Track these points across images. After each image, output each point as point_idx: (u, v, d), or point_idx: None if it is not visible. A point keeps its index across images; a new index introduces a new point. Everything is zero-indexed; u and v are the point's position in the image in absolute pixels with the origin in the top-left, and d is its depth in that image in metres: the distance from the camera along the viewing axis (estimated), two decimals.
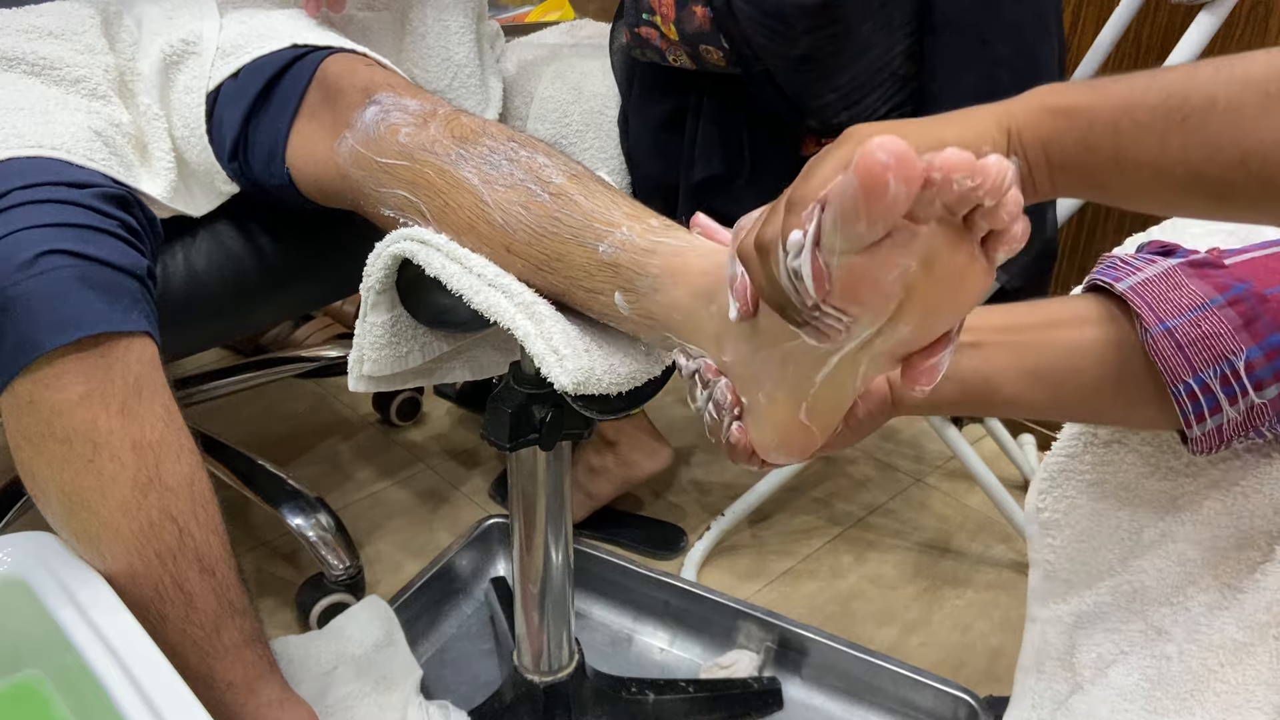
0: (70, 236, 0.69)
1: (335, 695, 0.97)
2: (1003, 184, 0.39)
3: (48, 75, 0.85)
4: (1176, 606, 0.63)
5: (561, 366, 0.62)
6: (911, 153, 0.37)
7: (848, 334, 0.44)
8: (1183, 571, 0.63)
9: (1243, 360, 0.53)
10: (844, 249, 0.41)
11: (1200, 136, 0.43)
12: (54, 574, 0.69)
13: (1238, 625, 0.57)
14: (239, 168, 0.87)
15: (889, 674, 1.04)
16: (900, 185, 0.37)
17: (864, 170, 0.37)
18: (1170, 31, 1.22)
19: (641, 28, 1.01)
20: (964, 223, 0.41)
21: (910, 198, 0.38)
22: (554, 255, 0.64)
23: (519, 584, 0.92)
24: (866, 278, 0.41)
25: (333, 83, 0.81)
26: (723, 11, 0.94)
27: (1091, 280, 0.59)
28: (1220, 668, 0.56)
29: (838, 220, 0.40)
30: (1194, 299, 0.54)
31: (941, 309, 0.44)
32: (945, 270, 0.42)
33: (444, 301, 0.68)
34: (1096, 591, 0.67)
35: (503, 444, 0.75)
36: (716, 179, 1.03)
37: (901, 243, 0.40)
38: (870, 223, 0.39)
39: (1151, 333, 0.54)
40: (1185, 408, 0.55)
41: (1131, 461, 0.66)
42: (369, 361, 0.74)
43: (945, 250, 0.41)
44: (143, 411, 0.70)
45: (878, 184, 0.37)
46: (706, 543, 1.28)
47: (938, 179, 0.38)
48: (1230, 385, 0.54)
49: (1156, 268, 0.56)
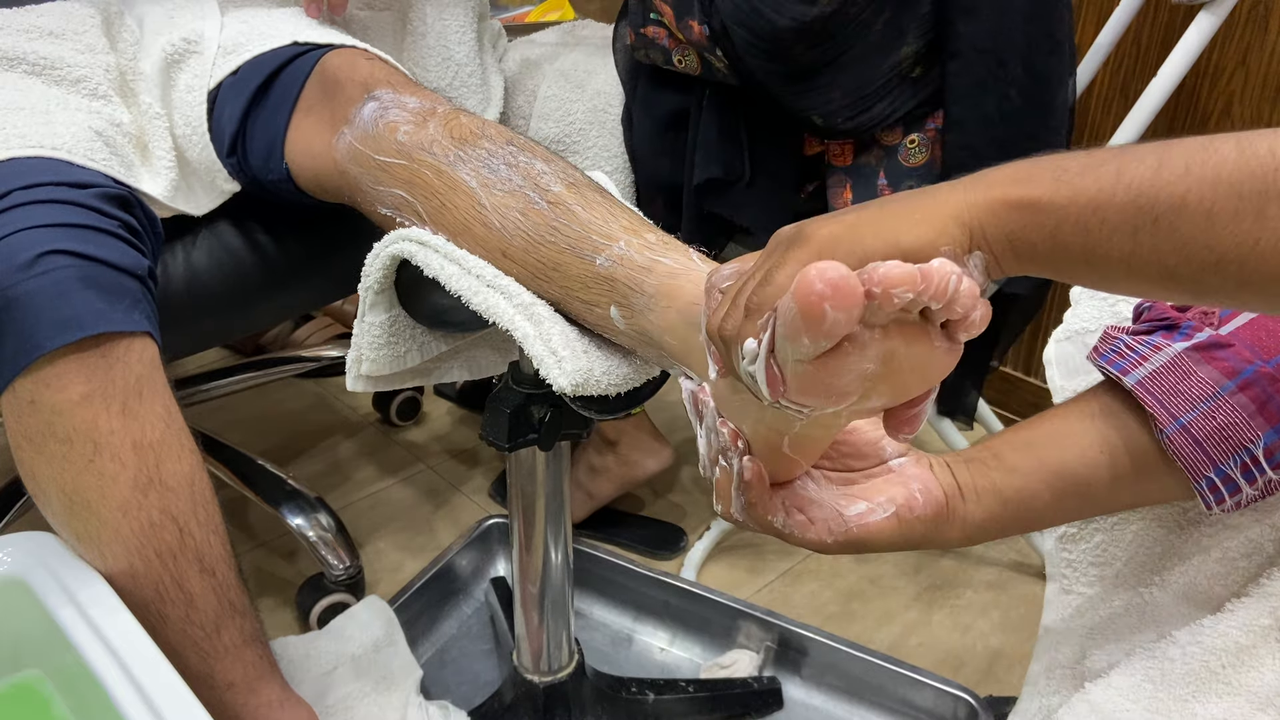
0: (71, 237, 0.69)
1: (335, 695, 0.97)
2: (947, 289, 0.39)
3: (48, 75, 0.85)
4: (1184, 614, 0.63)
5: (560, 368, 0.62)
6: (850, 279, 0.37)
7: (812, 413, 0.44)
8: (1191, 580, 0.63)
9: (1261, 447, 0.54)
10: (797, 358, 0.41)
11: (1172, 239, 0.41)
12: (54, 574, 0.69)
13: (1241, 628, 0.57)
14: (238, 163, 0.87)
15: (889, 674, 1.04)
16: (838, 312, 0.38)
17: (802, 298, 0.38)
18: (1170, 31, 1.22)
19: (648, 28, 1.01)
20: (920, 316, 0.42)
21: (851, 321, 0.38)
22: (551, 264, 0.64)
23: (518, 584, 0.92)
24: (820, 382, 0.42)
25: (331, 77, 0.81)
26: (718, 32, 0.95)
27: (1098, 365, 0.59)
28: (1222, 669, 0.56)
29: (784, 336, 0.40)
30: (1204, 388, 0.54)
31: (908, 387, 0.44)
32: (906, 360, 0.42)
33: (442, 302, 0.68)
34: (1110, 605, 0.67)
35: (501, 444, 0.75)
36: (716, 182, 1.03)
37: (853, 350, 0.41)
38: (814, 341, 0.39)
39: (1167, 432, 0.54)
40: (1208, 498, 0.55)
41: None
42: (367, 361, 0.74)
43: (902, 346, 0.42)
44: (143, 411, 0.70)
45: (815, 311, 0.38)
46: (706, 543, 1.28)
47: (878, 294, 0.38)
48: (1250, 471, 0.54)
49: (1162, 356, 0.56)
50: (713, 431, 0.55)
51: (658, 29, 1.00)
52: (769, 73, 0.95)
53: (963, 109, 0.97)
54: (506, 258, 0.66)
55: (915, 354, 0.42)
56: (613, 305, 0.61)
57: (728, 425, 0.53)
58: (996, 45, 0.94)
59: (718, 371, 0.49)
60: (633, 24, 1.03)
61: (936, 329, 0.42)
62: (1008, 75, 0.95)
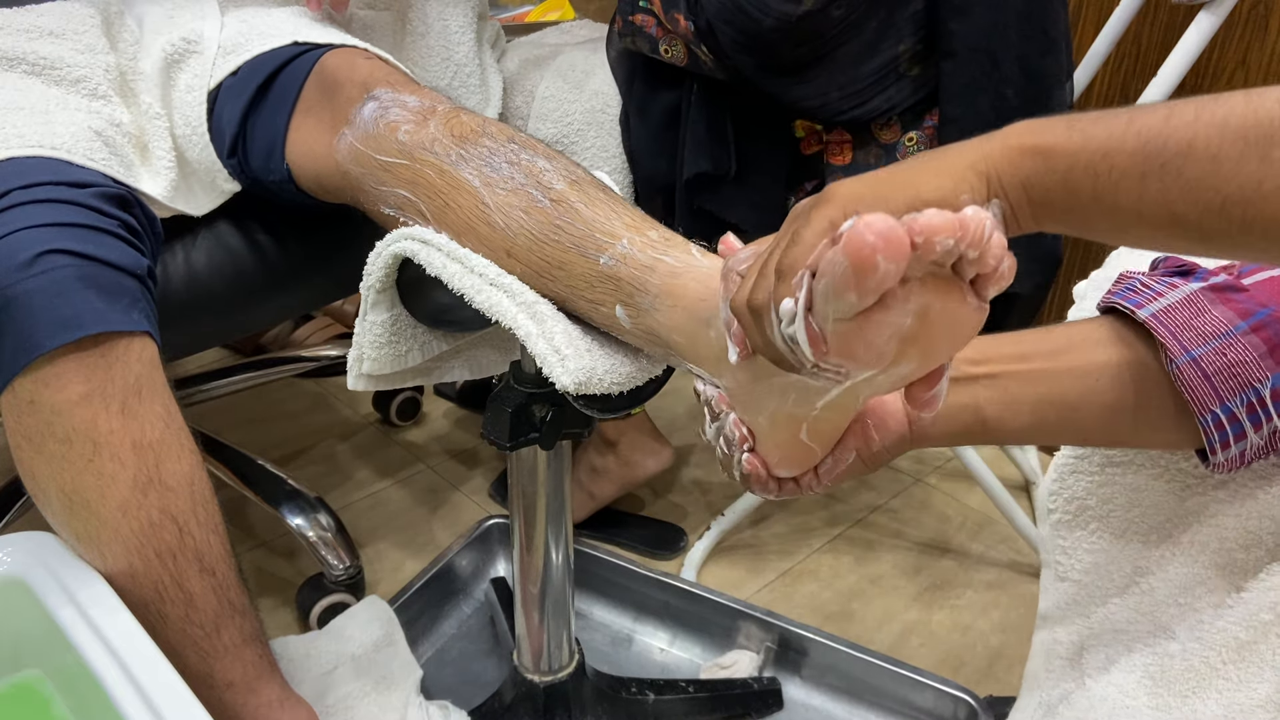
0: (70, 236, 0.69)
1: (335, 695, 0.97)
2: (983, 235, 0.40)
3: (48, 75, 0.85)
4: (1184, 606, 0.63)
5: (563, 366, 0.61)
6: (898, 230, 0.38)
7: (846, 378, 0.45)
8: (1189, 572, 0.63)
9: (1268, 388, 0.54)
10: (838, 316, 0.42)
11: (1179, 182, 0.43)
12: (54, 574, 0.69)
13: (1241, 624, 0.57)
14: (238, 164, 0.86)
15: (889, 674, 1.04)
16: (889, 263, 0.38)
17: (854, 252, 0.38)
18: (1170, 31, 1.22)
19: (637, 15, 1.01)
20: (952, 270, 0.42)
21: (900, 272, 0.39)
22: (555, 263, 0.64)
23: (519, 584, 0.92)
24: (862, 339, 0.42)
25: (330, 77, 0.81)
26: (703, 29, 0.95)
27: (1109, 303, 0.58)
28: (1223, 665, 0.56)
29: (829, 293, 0.41)
30: (1217, 326, 0.54)
31: (938, 349, 0.45)
32: (939, 317, 0.43)
33: (444, 300, 0.68)
34: (1106, 592, 0.67)
35: (503, 443, 0.75)
36: (706, 177, 1.03)
37: (894, 304, 0.42)
38: (862, 295, 0.40)
39: (1177, 362, 0.54)
40: (1212, 436, 0.55)
41: (1140, 463, 0.66)
42: (368, 360, 0.74)
43: (937, 301, 0.42)
44: (143, 411, 0.70)
45: (868, 264, 0.38)
46: (706, 543, 1.28)
47: (920, 243, 0.39)
48: (1256, 413, 0.54)
49: (1178, 293, 0.56)
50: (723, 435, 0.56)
51: (646, 17, 1.00)
52: (757, 68, 0.95)
53: (957, 108, 0.97)
54: (511, 257, 0.66)
55: (948, 311, 0.43)
56: (618, 304, 0.61)
57: (741, 427, 0.54)
58: (990, 44, 0.94)
59: (738, 354, 0.49)
60: (621, 11, 1.03)
61: (966, 285, 0.43)
62: (1002, 74, 0.95)
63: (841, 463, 0.55)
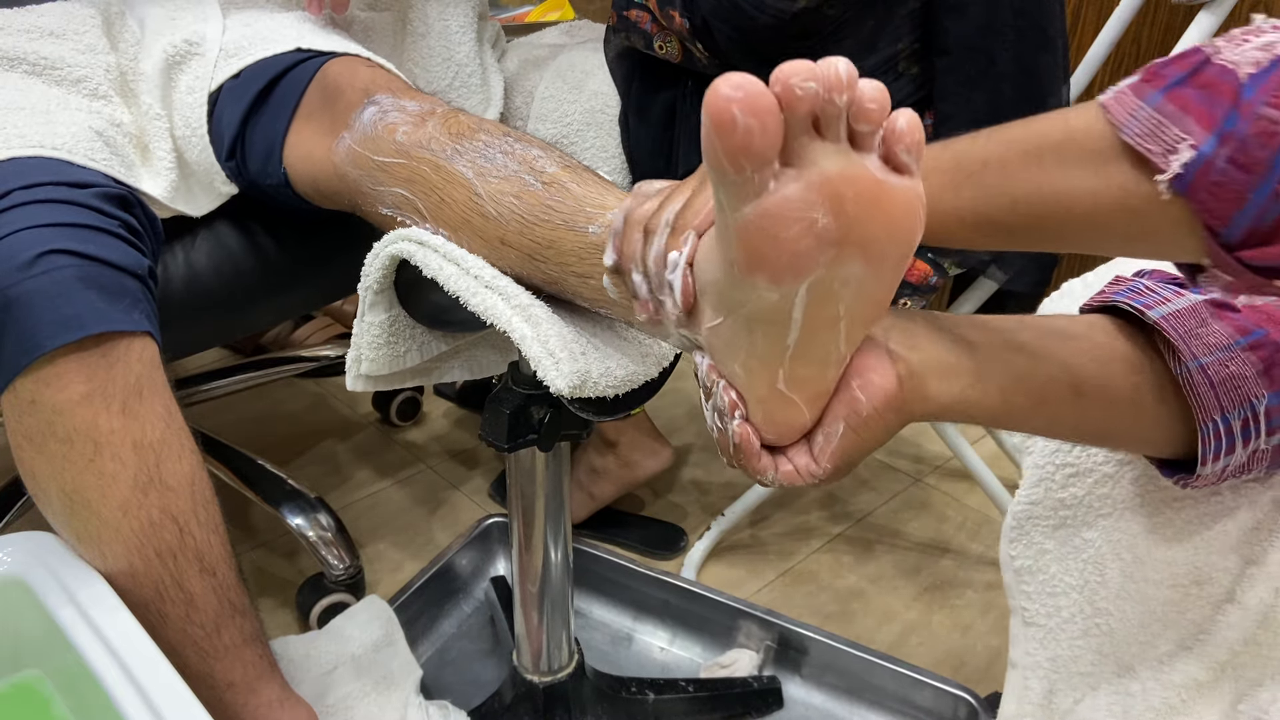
0: (71, 236, 0.69)
1: (335, 695, 0.97)
2: (839, 76, 0.39)
3: (49, 75, 0.85)
4: (1144, 645, 0.63)
5: (557, 370, 0.61)
6: (755, 81, 0.37)
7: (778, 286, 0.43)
8: (1146, 610, 0.63)
9: (1264, 405, 0.54)
10: (733, 208, 0.41)
11: (981, 188, 0.52)
12: (54, 574, 0.69)
13: (1200, 665, 0.58)
14: (236, 167, 0.87)
15: (889, 673, 1.05)
16: (748, 117, 0.37)
17: (714, 113, 0.38)
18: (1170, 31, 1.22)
19: (632, 10, 1.01)
20: (852, 145, 0.41)
21: (767, 131, 0.38)
22: (545, 243, 0.64)
23: (518, 584, 0.92)
24: (769, 237, 0.41)
25: (333, 84, 0.81)
26: (698, 26, 0.95)
27: (1109, 302, 0.58)
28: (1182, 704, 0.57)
29: (712, 173, 0.40)
30: (1220, 338, 0.54)
31: (881, 238, 0.43)
32: (856, 200, 0.41)
33: (442, 301, 0.68)
34: (1070, 635, 0.67)
35: (501, 445, 0.75)
36: None
37: (787, 185, 0.40)
38: (732, 161, 0.39)
39: (1188, 366, 0.54)
40: (1208, 445, 0.55)
41: (1090, 504, 0.66)
42: (367, 361, 0.74)
43: (847, 187, 0.41)
44: (144, 411, 0.70)
45: (726, 120, 0.37)
46: (706, 543, 1.28)
47: (778, 91, 0.38)
48: (1249, 428, 0.54)
49: (1184, 301, 0.56)
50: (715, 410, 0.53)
51: (641, 12, 1.00)
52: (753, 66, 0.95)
53: (951, 105, 0.97)
54: (504, 244, 0.66)
55: (862, 191, 0.41)
56: (606, 275, 0.61)
57: (730, 392, 0.51)
58: (985, 42, 0.94)
59: (612, 258, 0.55)
60: (616, 5, 1.03)
61: (875, 159, 0.42)
62: (999, 71, 0.94)
63: (833, 437, 0.51)
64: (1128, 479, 0.66)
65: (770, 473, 0.53)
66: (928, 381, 0.51)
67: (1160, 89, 0.45)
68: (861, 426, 0.51)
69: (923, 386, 0.51)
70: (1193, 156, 0.43)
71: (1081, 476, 0.67)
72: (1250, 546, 0.60)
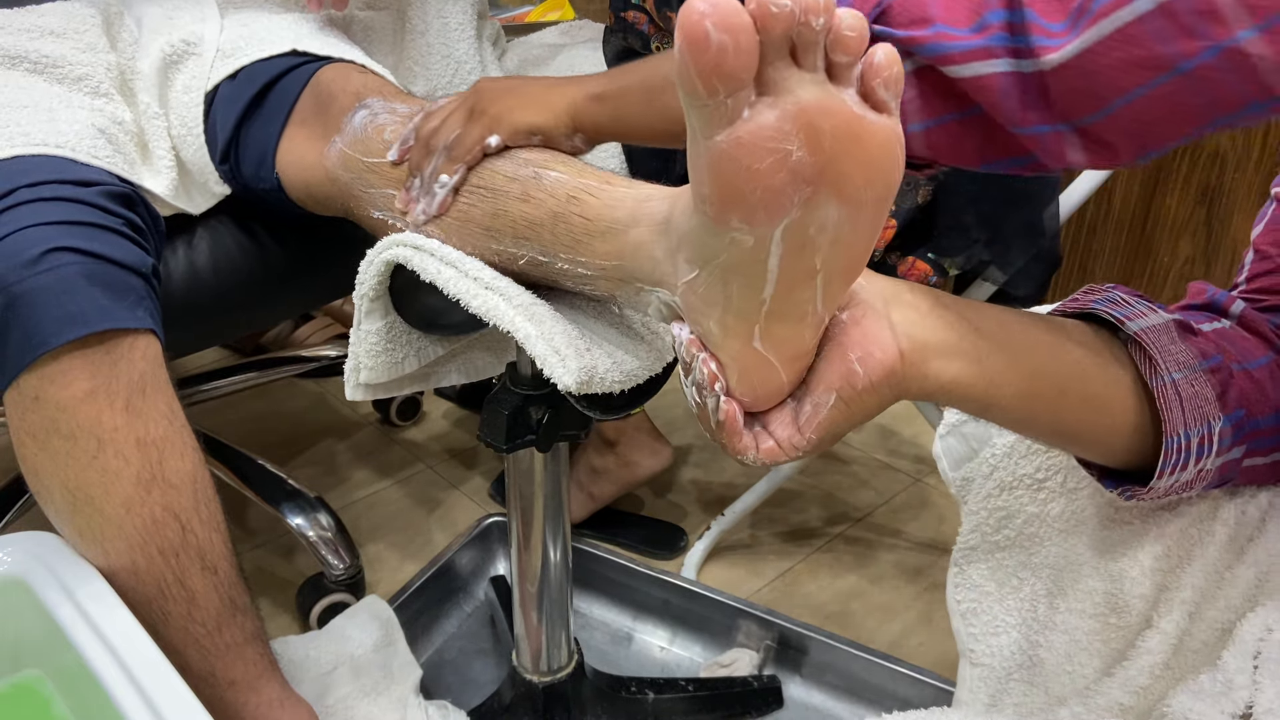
0: (76, 234, 0.69)
1: (335, 695, 0.97)
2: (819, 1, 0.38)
3: (51, 74, 0.85)
4: (1071, 674, 0.64)
5: (564, 366, 0.61)
6: (733, 0, 0.37)
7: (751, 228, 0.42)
8: (1071, 640, 0.64)
9: (1219, 427, 0.55)
10: (704, 135, 0.40)
11: (656, 107, 0.67)
12: (54, 573, 0.69)
13: (1123, 690, 0.59)
14: (230, 170, 0.87)
15: (889, 673, 1.05)
16: (722, 34, 0.37)
17: (688, 29, 0.37)
18: None
19: (629, 12, 1.01)
20: (829, 77, 0.40)
21: (742, 50, 0.37)
22: (533, 222, 0.64)
23: (517, 584, 0.92)
24: (741, 168, 0.40)
25: (325, 90, 0.81)
26: None
27: (1087, 309, 0.59)
28: None
29: (685, 98, 0.39)
30: (1187, 357, 0.56)
31: (857, 177, 0.42)
32: (833, 135, 0.40)
33: (436, 305, 0.68)
34: (1008, 672, 0.68)
35: (499, 445, 0.75)
36: None
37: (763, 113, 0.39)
38: (705, 81, 0.38)
39: (1164, 379, 0.54)
40: (1170, 457, 0.55)
41: (1021, 544, 0.68)
42: (366, 370, 0.73)
43: (823, 119, 0.40)
44: (147, 408, 0.70)
45: (699, 37, 0.37)
46: (706, 542, 1.29)
47: (754, 10, 0.37)
48: (1204, 446, 0.55)
49: (1157, 318, 0.57)
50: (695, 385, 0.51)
51: (638, 14, 1.00)
52: None
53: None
54: (489, 233, 0.66)
55: (839, 125, 0.40)
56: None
57: (710, 364, 0.49)
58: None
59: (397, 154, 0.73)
60: (614, 6, 1.03)
61: (853, 94, 0.41)
62: None
63: (821, 407, 0.49)
64: (1053, 515, 0.67)
65: (751, 453, 0.50)
66: (928, 359, 0.50)
67: None
68: (854, 399, 0.49)
69: (923, 364, 0.50)
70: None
71: (1011, 518, 0.68)
72: (1163, 574, 0.62)
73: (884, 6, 0.57)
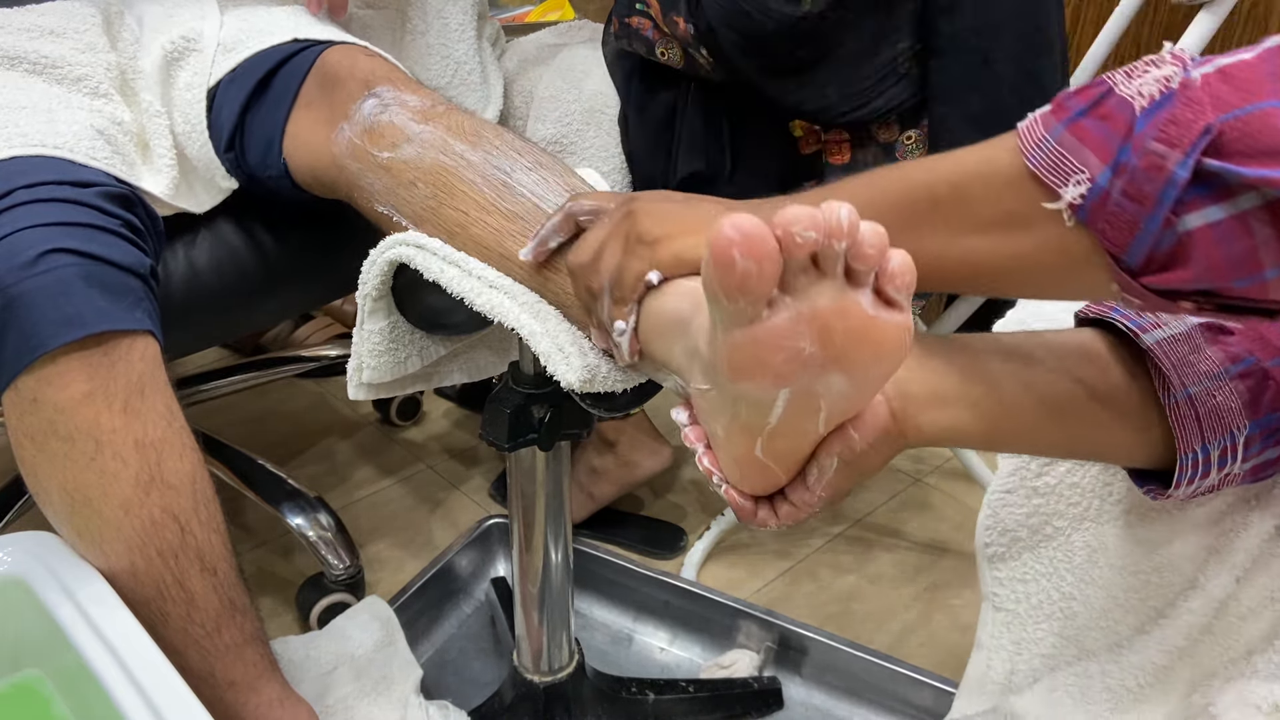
0: (74, 235, 0.69)
1: (335, 695, 0.97)
2: (841, 223, 0.40)
3: (50, 74, 0.85)
4: (1105, 629, 0.64)
5: (568, 364, 0.61)
6: (760, 225, 0.39)
7: (762, 396, 0.45)
8: (1108, 595, 0.65)
9: (1244, 435, 0.55)
10: (729, 325, 0.42)
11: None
12: (54, 573, 0.69)
13: (1157, 649, 0.60)
14: (235, 159, 0.87)
15: (889, 673, 1.05)
16: (747, 260, 0.39)
17: (718, 252, 0.39)
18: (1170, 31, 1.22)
19: (633, 18, 1.01)
20: (847, 280, 0.42)
21: (764, 272, 0.40)
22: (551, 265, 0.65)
23: (518, 584, 0.92)
24: (754, 356, 0.43)
25: (331, 72, 0.81)
26: (703, 32, 0.94)
27: (1102, 316, 0.58)
28: (1139, 687, 0.58)
29: (710, 298, 0.42)
30: (1211, 365, 0.55)
31: (864, 363, 0.44)
32: (843, 330, 0.42)
33: (438, 304, 0.68)
34: (1035, 620, 0.69)
35: (501, 444, 0.75)
36: (700, 176, 1.02)
37: (780, 314, 0.42)
38: (729, 296, 0.40)
39: (1176, 397, 0.54)
40: (1185, 472, 0.55)
41: (1060, 492, 0.68)
42: (368, 369, 0.73)
43: (837, 320, 0.42)
44: (145, 410, 0.70)
45: (726, 261, 0.39)
46: (706, 543, 1.28)
47: (780, 235, 0.39)
48: (1226, 457, 0.55)
49: (1179, 325, 0.56)
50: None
51: (643, 20, 1.00)
52: (758, 71, 0.95)
53: (944, 107, 0.96)
54: (505, 258, 0.66)
55: (852, 326, 0.42)
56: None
57: (703, 460, 0.53)
58: (979, 44, 0.94)
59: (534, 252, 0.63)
60: (617, 12, 1.03)
61: (868, 295, 0.43)
62: (997, 74, 0.94)
63: (826, 470, 0.52)
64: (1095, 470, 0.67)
65: (772, 523, 0.55)
66: (920, 413, 0.53)
67: (1063, 121, 0.45)
68: (855, 460, 0.52)
69: (915, 418, 0.53)
70: (1089, 188, 0.44)
71: (1054, 465, 0.68)
72: (1215, 536, 0.61)
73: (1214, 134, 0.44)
